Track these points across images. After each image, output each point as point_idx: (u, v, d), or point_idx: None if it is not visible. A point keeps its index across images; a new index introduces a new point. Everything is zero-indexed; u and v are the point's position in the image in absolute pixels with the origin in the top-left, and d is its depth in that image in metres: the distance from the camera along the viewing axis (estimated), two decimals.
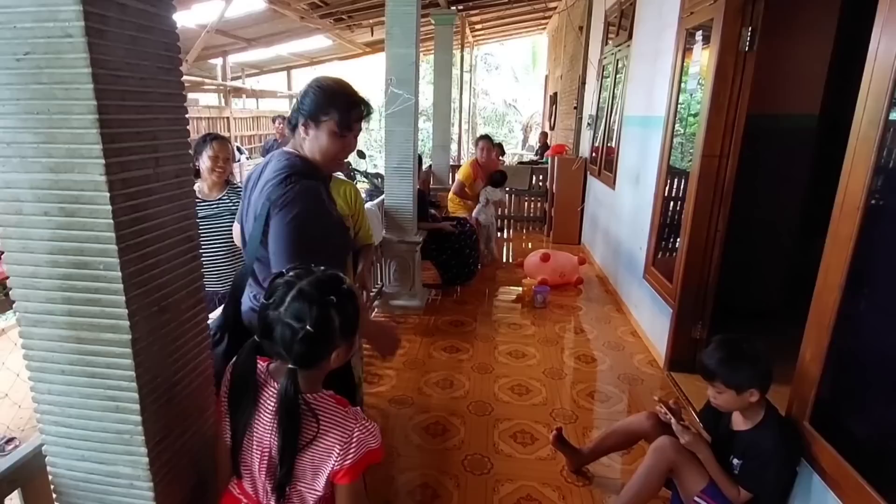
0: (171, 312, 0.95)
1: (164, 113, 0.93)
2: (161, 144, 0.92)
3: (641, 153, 4.31)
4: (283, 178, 1.43)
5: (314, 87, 1.54)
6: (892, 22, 1.55)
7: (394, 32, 3.71)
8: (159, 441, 0.95)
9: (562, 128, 9.71)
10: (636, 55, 4.69)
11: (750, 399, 1.77)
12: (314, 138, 1.53)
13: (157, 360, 0.93)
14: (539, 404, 2.99)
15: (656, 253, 3.87)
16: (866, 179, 1.60)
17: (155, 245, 0.90)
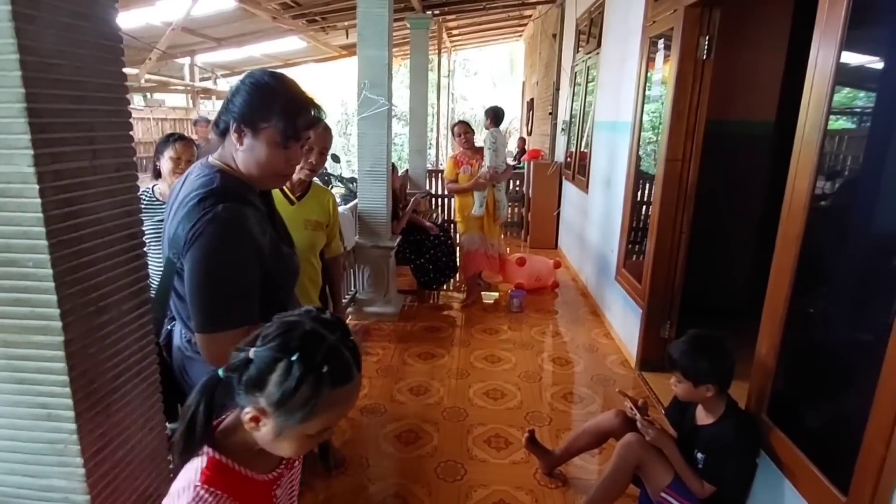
0: (110, 313, 0.91)
1: (102, 104, 0.88)
2: (99, 136, 0.87)
3: (611, 158, 4.36)
4: (197, 202, 1.16)
5: (250, 86, 1.23)
6: (829, 34, 1.62)
7: (365, 34, 3.69)
8: (97, 451, 0.89)
9: (538, 133, 9.78)
10: (605, 62, 4.76)
11: (706, 394, 1.83)
12: (250, 149, 1.24)
13: (95, 364, 0.88)
14: (514, 408, 2.98)
15: (627, 255, 3.91)
16: (810, 181, 1.67)
17: (92, 241, 0.86)
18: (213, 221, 1.14)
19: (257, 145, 1.23)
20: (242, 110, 1.22)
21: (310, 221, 2.16)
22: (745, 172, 4.04)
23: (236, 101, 1.22)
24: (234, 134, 1.22)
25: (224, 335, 1.13)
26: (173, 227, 1.18)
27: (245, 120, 1.22)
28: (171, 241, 1.18)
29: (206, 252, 1.14)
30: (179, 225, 1.15)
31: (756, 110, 3.98)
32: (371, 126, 3.95)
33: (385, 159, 4.07)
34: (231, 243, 1.17)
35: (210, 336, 1.15)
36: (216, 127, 1.27)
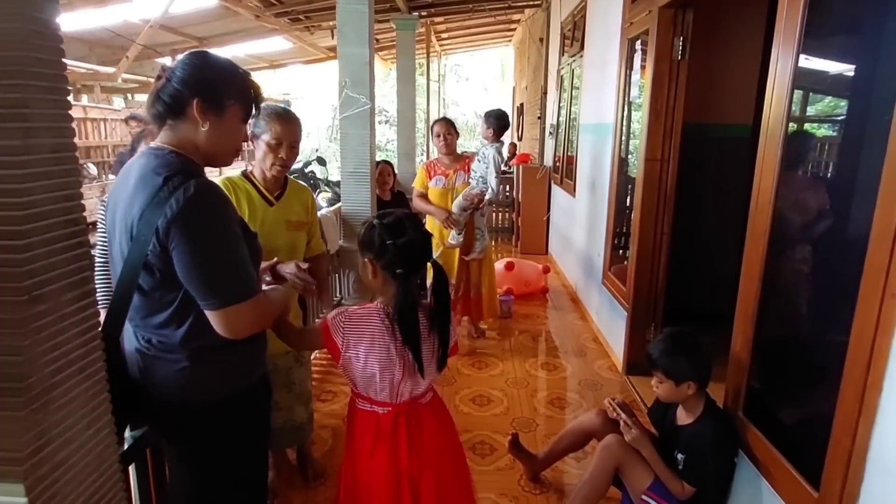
0: (47, 303, 0.84)
1: (36, 80, 0.81)
2: (33, 114, 0.81)
3: (596, 160, 4.34)
4: (162, 182, 1.12)
5: (206, 64, 1.23)
6: (787, 42, 1.66)
7: (345, 31, 3.63)
8: (33, 452, 0.83)
9: (528, 138, 9.78)
10: (588, 65, 4.76)
11: (688, 391, 1.81)
12: (216, 127, 1.23)
13: (30, 358, 0.81)
14: (500, 414, 2.93)
15: (612, 259, 3.88)
16: (774, 178, 1.70)
17: (24, 226, 0.79)
18: (197, 197, 1.11)
19: (224, 122, 1.25)
20: (205, 88, 1.21)
21: (291, 222, 2.08)
22: (725, 175, 3.98)
23: (191, 79, 1.20)
24: (199, 113, 1.20)
25: (245, 304, 1.17)
26: (133, 213, 1.12)
27: (209, 97, 1.21)
28: (135, 229, 1.12)
29: (203, 226, 1.13)
30: (145, 210, 1.10)
31: (733, 113, 3.96)
32: (353, 126, 3.88)
33: (368, 160, 4.00)
34: (223, 214, 1.18)
35: (233, 309, 1.16)
36: (156, 110, 1.21)
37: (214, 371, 1.28)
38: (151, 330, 1.23)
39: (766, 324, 1.79)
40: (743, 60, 3.88)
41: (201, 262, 1.13)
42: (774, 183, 1.69)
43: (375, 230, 1.41)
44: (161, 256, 1.13)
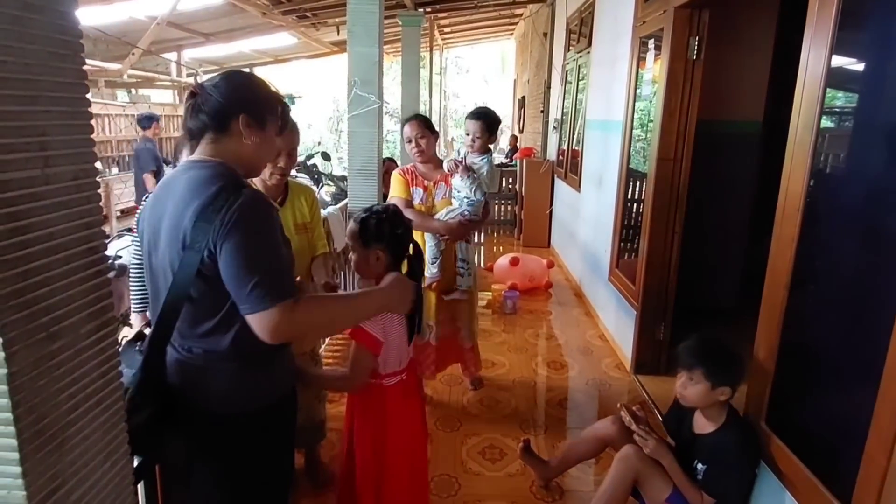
0: (65, 338, 0.81)
1: (57, 105, 0.79)
2: (52, 142, 0.78)
3: (603, 156, 4.31)
4: (215, 193, 1.16)
5: (248, 83, 1.32)
6: (819, 36, 1.61)
7: (356, 31, 3.60)
8: (46, 496, 0.79)
9: (530, 131, 9.74)
10: (595, 61, 4.73)
11: (720, 397, 1.76)
12: (262, 143, 1.30)
13: (46, 397, 0.78)
14: (509, 416, 2.91)
15: (619, 255, 3.87)
16: (804, 182, 1.64)
17: (43, 259, 0.76)
18: (246, 205, 1.16)
19: (268, 137, 1.32)
20: (249, 105, 1.27)
21: (298, 226, 2.07)
22: (735, 171, 4.06)
23: (237, 96, 1.26)
24: (244, 128, 1.25)
25: (284, 305, 1.18)
26: (186, 222, 1.15)
27: (253, 113, 1.27)
28: (188, 238, 1.15)
29: (250, 232, 1.16)
30: (199, 218, 1.14)
31: (744, 110, 4.01)
32: (362, 124, 3.85)
33: (376, 158, 3.98)
34: (269, 221, 1.22)
35: (274, 310, 1.17)
36: (199, 124, 1.25)
37: (260, 379, 1.32)
38: (196, 339, 1.25)
39: (793, 331, 1.75)
40: (754, 58, 3.89)
41: (245, 262, 1.16)
42: (804, 188, 1.64)
43: (384, 223, 1.56)
44: (213, 262, 1.16)
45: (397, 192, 2.75)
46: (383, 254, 1.56)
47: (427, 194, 2.75)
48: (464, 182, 2.62)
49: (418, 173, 2.77)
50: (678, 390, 1.85)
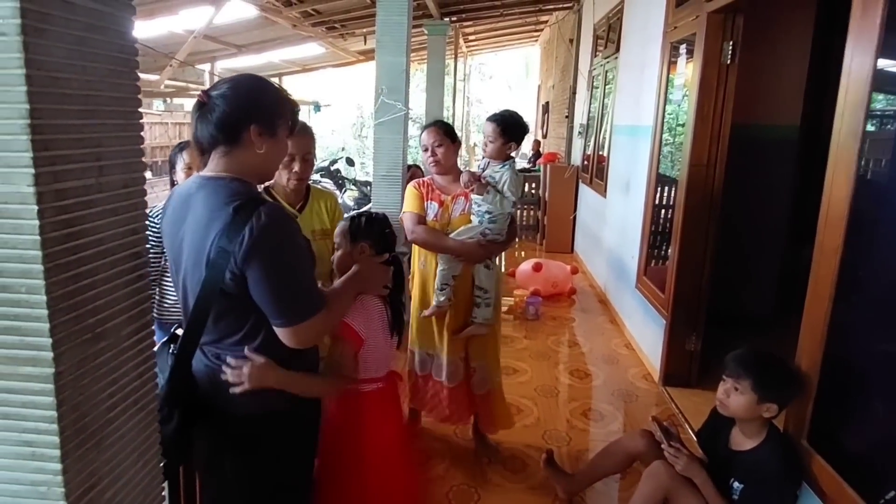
0: (108, 339, 0.83)
1: (112, 118, 0.82)
2: (107, 152, 0.81)
3: (631, 162, 4.27)
4: (234, 212, 1.15)
5: (254, 89, 1.26)
6: (863, 38, 1.56)
7: (384, 41, 3.65)
8: (84, 493, 0.81)
9: (554, 136, 9.70)
10: (624, 66, 4.70)
11: (764, 413, 1.69)
12: (272, 149, 1.28)
13: (88, 396, 0.81)
14: (531, 425, 2.87)
15: (648, 262, 3.82)
16: (849, 190, 1.58)
17: (92, 263, 0.79)
18: (269, 224, 1.15)
19: (279, 143, 1.29)
20: (259, 113, 1.24)
21: (316, 231, 2.05)
22: (771, 176, 3.98)
23: (247, 106, 1.23)
24: (255, 137, 1.22)
25: (315, 319, 1.22)
26: (207, 243, 1.15)
27: (264, 122, 1.23)
28: (210, 258, 1.15)
29: (277, 250, 1.18)
30: (219, 240, 1.14)
31: (781, 113, 3.93)
32: (388, 131, 3.89)
33: (401, 164, 4.01)
34: (294, 237, 1.23)
35: (306, 324, 1.21)
36: (209, 138, 1.22)
37: None
38: (223, 348, 1.28)
39: (837, 343, 1.67)
40: (790, 60, 3.83)
41: (276, 284, 1.18)
42: (849, 195, 1.58)
43: (374, 222, 1.65)
44: (237, 282, 1.17)
45: (409, 207, 2.39)
46: (368, 248, 1.61)
47: (443, 209, 2.35)
48: (484, 197, 2.27)
49: (435, 186, 2.41)
50: (719, 397, 1.77)
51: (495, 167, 2.34)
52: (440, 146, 2.35)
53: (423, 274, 2.44)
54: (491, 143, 2.34)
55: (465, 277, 2.36)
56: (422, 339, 2.48)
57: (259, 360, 1.25)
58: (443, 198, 2.37)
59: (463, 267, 2.33)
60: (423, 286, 2.43)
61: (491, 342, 2.50)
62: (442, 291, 2.31)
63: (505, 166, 2.33)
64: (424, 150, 2.40)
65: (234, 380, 1.24)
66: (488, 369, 2.48)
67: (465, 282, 2.37)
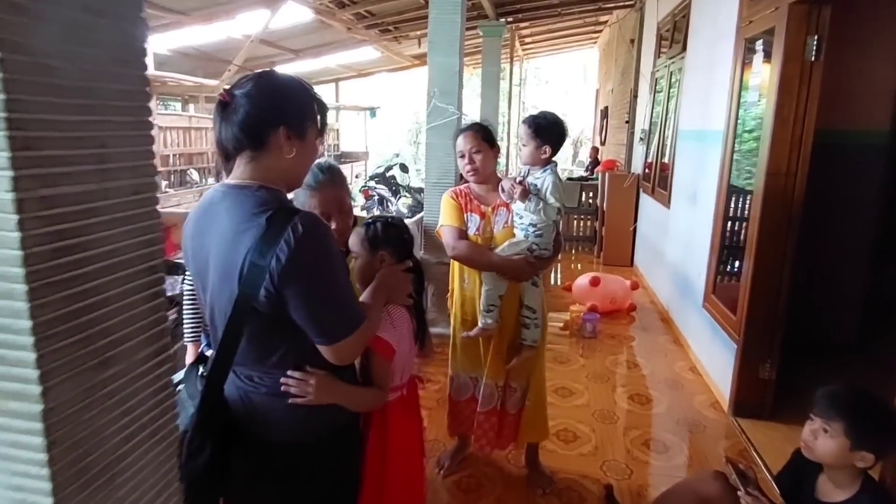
0: (119, 365, 0.74)
1: (117, 114, 0.72)
2: (111, 153, 0.71)
3: (698, 170, 3.99)
4: (267, 223, 1.04)
5: (283, 88, 1.15)
6: None
7: (436, 41, 3.54)
8: None
9: (613, 143, 9.37)
10: (691, 67, 4.43)
11: (857, 462, 1.45)
12: (302, 153, 1.17)
13: (95, 430, 0.71)
14: (588, 454, 2.66)
15: (716, 280, 3.52)
16: None
17: (99, 279, 0.70)
18: (307, 236, 1.05)
19: (306, 146, 1.18)
20: (287, 114, 1.13)
21: None
22: (856, 186, 3.64)
23: (275, 107, 1.13)
24: (285, 141, 1.12)
25: (358, 333, 1.15)
26: (237, 258, 1.05)
27: (293, 123, 1.14)
28: (243, 275, 1.04)
29: (318, 265, 1.09)
30: (252, 255, 1.03)
31: (869, 118, 3.60)
32: (440, 136, 3.78)
33: (453, 171, 3.89)
34: (333, 247, 1.13)
35: (350, 339, 1.14)
36: (234, 142, 1.11)
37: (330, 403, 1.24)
38: (259, 370, 1.18)
39: None
40: (882, 59, 3.51)
41: (319, 301, 1.10)
42: None
43: (391, 227, 1.56)
44: (272, 301, 1.06)
45: (448, 220, 2.18)
46: (389, 256, 1.52)
47: (485, 222, 2.16)
48: (526, 205, 2.07)
49: (473, 196, 2.22)
50: (805, 438, 1.54)
51: (536, 173, 2.14)
52: (478, 152, 2.14)
53: (465, 293, 2.27)
54: (524, 146, 2.15)
55: (512, 296, 2.18)
56: (465, 363, 2.34)
57: (323, 373, 1.18)
58: (483, 209, 2.18)
59: (509, 285, 2.15)
60: (465, 306, 2.28)
61: (535, 363, 2.31)
62: (489, 313, 2.13)
63: (546, 171, 2.12)
64: (461, 156, 2.18)
65: (299, 392, 1.16)
66: (527, 389, 2.32)
67: (512, 301, 2.19)
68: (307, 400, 1.16)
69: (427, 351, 1.71)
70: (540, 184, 2.10)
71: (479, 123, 2.22)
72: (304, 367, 1.17)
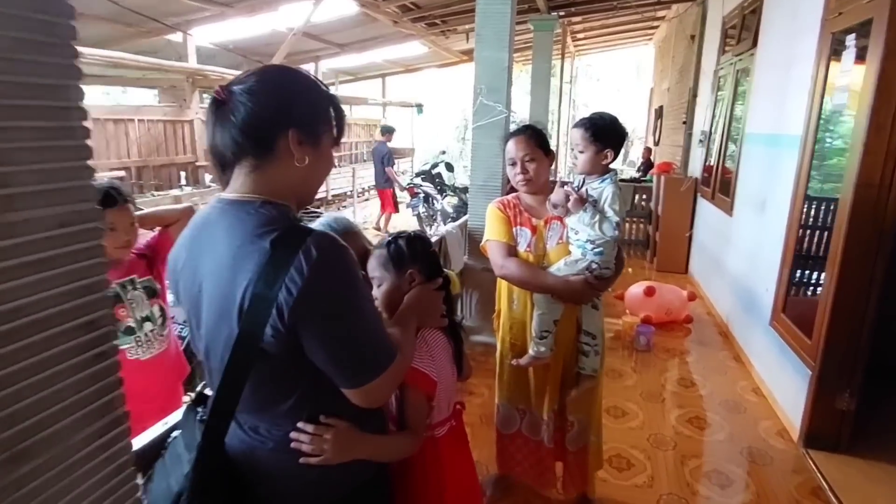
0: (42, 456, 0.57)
1: (31, 119, 0.54)
2: (20, 173, 0.53)
3: (768, 176, 3.66)
4: (272, 247, 0.86)
5: (293, 83, 0.96)
6: None
7: (484, 34, 3.34)
8: None
9: (668, 144, 8.95)
10: (762, 64, 4.07)
11: None
12: (316, 163, 0.98)
13: None
14: (643, 486, 2.43)
15: (787, 296, 3.22)
16: None
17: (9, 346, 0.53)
18: (324, 262, 0.87)
19: (321, 154, 1.00)
20: (298, 115, 0.95)
21: None
22: None
23: (283, 105, 0.93)
24: (295, 146, 0.94)
25: (390, 371, 0.97)
26: (236, 290, 0.87)
27: (306, 127, 0.96)
28: (244, 310, 0.86)
29: (339, 296, 0.91)
30: (255, 285, 0.85)
31: None
32: (486, 136, 3.58)
33: (500, 173, 3.70)
34: (354, 271, 0.94)
35: (380, 379, 0.96)
36: (233, 148, 0.93)
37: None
38: (267, 421, 0.99)
39: None
40: None
41: (342, 341, 0.92)
42: None
43: (415, 241, 1.37)
44: (282, 340, 0.88)
45: (495, 234, 1.95)
46: (418, 274, 1.33)
47: (536, 237, 1.92)
48: (581, 219, 1.81)
49: (523, 207, 1.97)
50: None
51: (593, 183, 1.87)
52: (532, 160, 1.90)
53: (514, 316, 2.04)
54: (581, 153, 1.86)
55: (568, 320, 1.94)
56: (511, 393, 2.12)
57: (342, 425, 0.99)
58: (534, 222, 1.94)
59: (565, 308, 1.91)
60: (515, 329, 2.05)
61: (594, 394, 2.08)
62: (542, 340, 1.89)
63: (605, 181, 1.85)
64: (511, 163, 1.93)
65: (313, 451, 0.97)
66: (587, 423, 2.08)
67: (568, 326, 1.95)
68: (323, 459, 0.98)
69: (466, 374, 1.51)
70: (598, 195, 1.84)
71: (532, 126, 1.97)
72: (318, 418, 0.99)
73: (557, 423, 2.06)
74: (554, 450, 2.09)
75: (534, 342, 1.91)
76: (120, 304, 1.80)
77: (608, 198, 1.83)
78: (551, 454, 2.09)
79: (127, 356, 1.82)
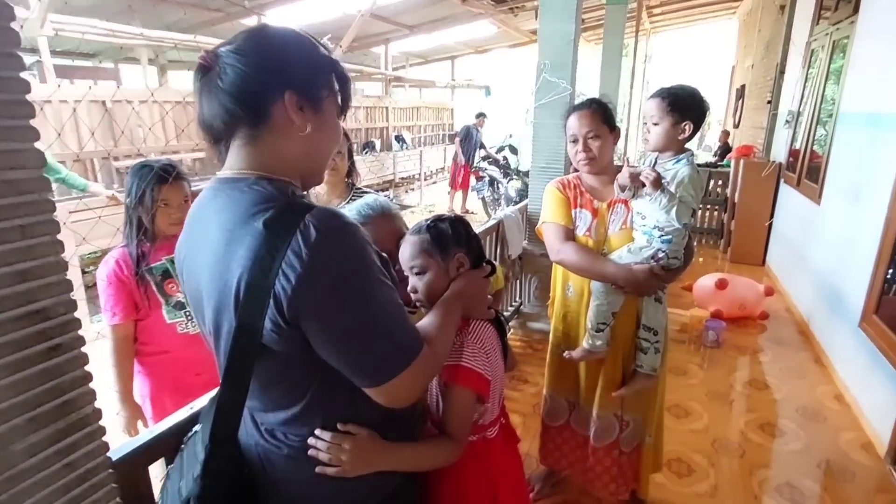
0: None
1: None
2: None
3: (866, 162, 3.29)
4: (266, 228, 0.76)
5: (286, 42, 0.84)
6: None
7: (549, 4, 3.12)
8: None
9: (749, 126, 8.36)
10: (864, 33, 3.64)
11: None
12: (320, 130, 0.87)
13: None
14: (704, 495, 2.25)
15: (881, 297, 2.89)
16: None
17: None
18: (325, 242, 0.76)
19: (324, 122, 0.87)
20: (297, 77, 0.83)
21: None
22: None
23: (275, 65, 0.82)
24: (293, 111, 0.83)
25: (415, 365, 0.84)
26: (231, 278, 0.78)
27: (305, 90, 0.84)
28: (240, 300, 0.77)
29: (346, 281, 0.78)
30: (250, 272, 0.76)
31: None
32: (550, 115, 3.39)
33: (563, 154, 3.51)
34: (365, 252, 0.81)
35: (404, 375, 0.83)
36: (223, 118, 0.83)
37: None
38: (281, 423, 0.91)
39: None
40: None
41: (353, 333, 0.80)
42: None
43: (457, 223, 1.24)
44: (284, 335, 0.79)
45: (552, 216, 1.80)
46: (465, 258, 1.20)
47: (598, 221, 1.76)
48: (652, 202, 1.62)
49: (584, 188, 1.81)
50: None
51: (666, 163, 1.67)
52: (596, 137, 1.72)
53: (568, 303, 1.90)
54: (655, 125, 1.66)
55: (628, 313, 1.78)
56: (558, 384, 2.00)
57: (363, 434, 0.90)
58: (596, 205, 1.77)
59: (627, 300, 1.74)
60: (569, 318, 1.91)
61: (653, 392, 1.91)
62: (598, 333, 1.75)
63: (681, 160, 1.65)
64: (573, 140, 1.76)
65: (331, 461, 0.89)
66: (643, 423, 1.93)
67: (627, 319, 1.79)
68: (340, 471, 0.89)
69: (510, 367, 1.37)
70: (671, 176, 1.63)
71: (596, 100, 1.77)
72: (335, 423, 0.89)
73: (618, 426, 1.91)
74: (604, 447, 1.94)
75: (589, 334, 1.77)
76: (170, 279, 1.82)
77: (684, 180, 1.62)
78: (600, 451, 1.95)
79: (177, 330, 1.84)
